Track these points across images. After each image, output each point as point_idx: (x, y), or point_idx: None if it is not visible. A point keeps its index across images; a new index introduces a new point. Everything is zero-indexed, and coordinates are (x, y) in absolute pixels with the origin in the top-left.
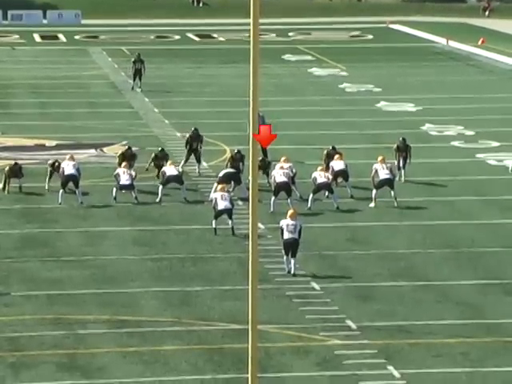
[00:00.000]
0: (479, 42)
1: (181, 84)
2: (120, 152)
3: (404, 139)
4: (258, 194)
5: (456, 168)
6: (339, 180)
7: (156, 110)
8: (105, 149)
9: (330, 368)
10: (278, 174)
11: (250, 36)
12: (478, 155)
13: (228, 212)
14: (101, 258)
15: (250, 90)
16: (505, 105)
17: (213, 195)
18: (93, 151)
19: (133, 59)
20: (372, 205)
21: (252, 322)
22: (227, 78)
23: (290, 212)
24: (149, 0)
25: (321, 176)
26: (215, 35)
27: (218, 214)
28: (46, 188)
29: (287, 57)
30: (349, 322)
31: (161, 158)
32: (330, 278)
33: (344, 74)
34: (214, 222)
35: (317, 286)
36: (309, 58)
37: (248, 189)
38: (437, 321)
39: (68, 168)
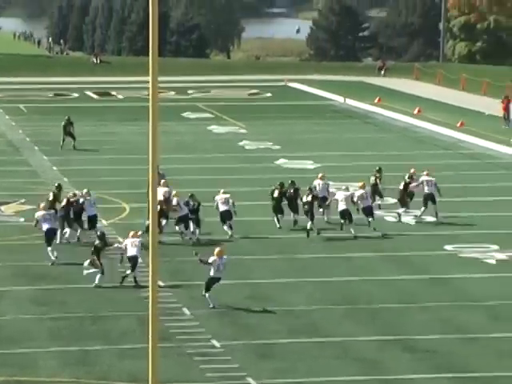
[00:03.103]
0: (376, 100)
1: (80, 142)
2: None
3: (293, 182)
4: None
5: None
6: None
7: (55, 168)
8: (2, 207)
9: None
10: (221, 203)
11: (149, 94)
12: (377, 212)
13: (135, 260)
14: None
15: (150, 148)
16: (400, 162)
17: (125, 241)
18: None
19: (63, 123)
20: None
21: (152, 382)
22: (127, 135)
23: (217, 250)
24: (45, 58)
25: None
26: (114, 93)
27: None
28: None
29: (187, 114)
30: (249, 380)
31: None
32: (231, 335)
33: (243, 131)
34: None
35: (217, 344)
36: (208, 115)
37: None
38: (336, 377)
39: None
